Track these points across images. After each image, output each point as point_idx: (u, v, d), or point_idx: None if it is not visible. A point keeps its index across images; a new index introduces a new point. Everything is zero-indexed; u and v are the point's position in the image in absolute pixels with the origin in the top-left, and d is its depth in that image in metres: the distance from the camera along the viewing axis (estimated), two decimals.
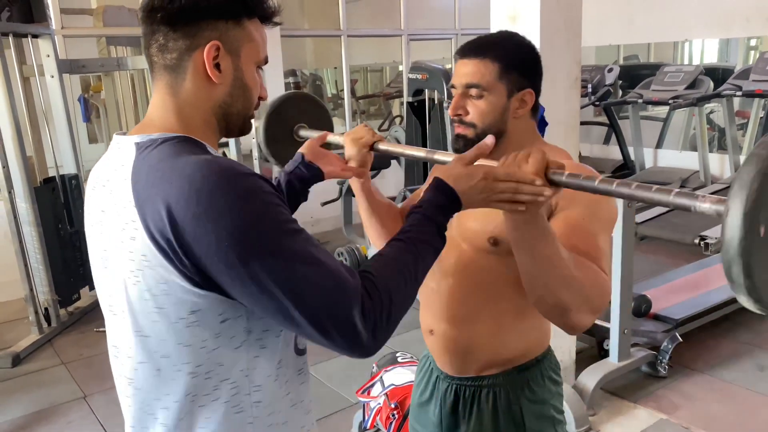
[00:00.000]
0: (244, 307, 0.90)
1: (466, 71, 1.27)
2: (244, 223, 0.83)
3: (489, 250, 1.29)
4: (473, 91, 1.27)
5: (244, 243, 0.82)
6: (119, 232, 0.90)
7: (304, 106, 1.63)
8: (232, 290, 0.86)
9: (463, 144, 1.30)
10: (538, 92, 1.31)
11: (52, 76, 4.20)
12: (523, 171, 0.98)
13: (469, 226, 1.32)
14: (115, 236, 0.91)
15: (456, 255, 1.33)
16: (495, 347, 1.35)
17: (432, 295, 1.40)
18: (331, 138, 1.44)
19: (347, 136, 1.39)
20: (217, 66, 0.94)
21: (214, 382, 0.93)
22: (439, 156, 1.21)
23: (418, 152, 1.28)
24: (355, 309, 0.84)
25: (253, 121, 1.06)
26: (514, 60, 1.26)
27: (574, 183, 0.97)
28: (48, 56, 4.16)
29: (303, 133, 1.56)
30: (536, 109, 1.33)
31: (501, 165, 1.01)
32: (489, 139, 1.09)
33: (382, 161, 5.25)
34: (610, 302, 2.98)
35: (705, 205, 0.83)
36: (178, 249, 0.84)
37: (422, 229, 0.96)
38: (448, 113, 1.32)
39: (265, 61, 1.01)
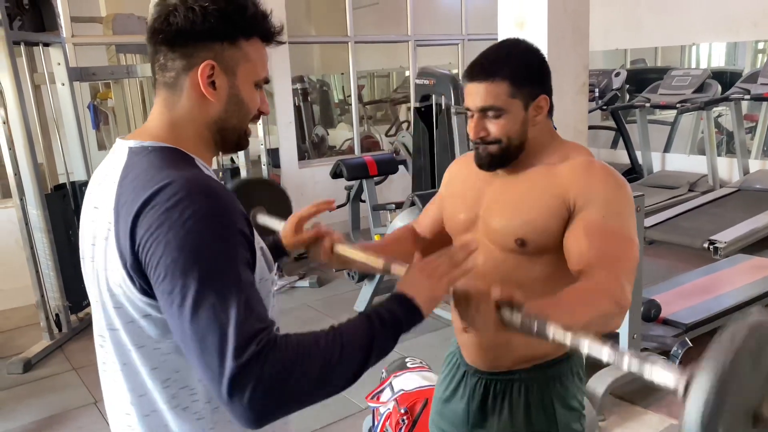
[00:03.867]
0: None
1: (478, 95, 1.26)
2: (198, 239, 0.85)
3: (517, 250, 1.29)
4: (490, 113, 1.27)
5: (190, 258, 0.83)
6: (103, 230, 0.95)
7: (262, 191, 1.59)
8: (160, 300, 0.86)
9: (488, 162, 1.30)
10: (550, 93, 1.31)
11: (63, 84, 4.24)
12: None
13: (494, 227, 1.32)
14: (100, 233, 0.96)
15: (484, 255, 1.33)
16: (528, 342, 1.35)
17: None
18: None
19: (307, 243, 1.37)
20: (213, 84, 0.97)
21: (172, 390, 0.96)
22: (395, 268, 1.15)
23: (376, 264, 1.21)
24: (253, 344, 0.80)
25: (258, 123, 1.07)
26: (523, 72, 1.26)
27: (525, 328, 0.98)
28: (59, 64, 4.19)
29: (260, 218, 1.51)
30: (551, 109, 1.33)
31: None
32: None
33: (389, 166, 5.26)
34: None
35: (663, 374, 0.83)
36: (132, 252, 0.87)
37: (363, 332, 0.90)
38: (470, 137, 1.31)
39: (266, 81, 1.04)
